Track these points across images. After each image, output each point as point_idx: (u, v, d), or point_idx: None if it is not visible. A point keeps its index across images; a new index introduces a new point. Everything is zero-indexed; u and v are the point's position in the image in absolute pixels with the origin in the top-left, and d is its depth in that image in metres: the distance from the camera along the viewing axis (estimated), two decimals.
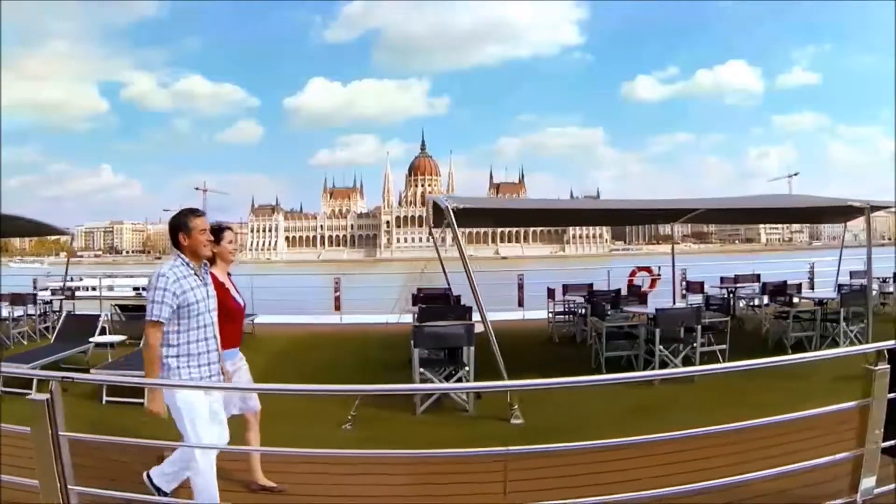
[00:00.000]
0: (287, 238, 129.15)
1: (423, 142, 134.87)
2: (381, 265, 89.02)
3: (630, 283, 11.17)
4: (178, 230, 2.90)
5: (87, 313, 8.30)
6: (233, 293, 3.37)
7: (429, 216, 7.58)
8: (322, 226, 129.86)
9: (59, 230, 10.76)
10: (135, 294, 21.66)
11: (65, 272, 10.92)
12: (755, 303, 9.86)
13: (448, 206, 5.09)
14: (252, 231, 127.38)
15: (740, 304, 10.03)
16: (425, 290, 9.17)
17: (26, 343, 8.46)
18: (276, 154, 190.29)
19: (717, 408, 4.47)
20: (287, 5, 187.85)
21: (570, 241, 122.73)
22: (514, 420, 4.67)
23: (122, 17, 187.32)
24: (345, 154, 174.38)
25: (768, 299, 9.10)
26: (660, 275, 11.40)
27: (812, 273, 11.72)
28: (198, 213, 2.98)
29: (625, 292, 9.53)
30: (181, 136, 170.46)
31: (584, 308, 8.11)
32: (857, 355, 2.87)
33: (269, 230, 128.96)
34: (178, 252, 2.92)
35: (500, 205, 16.00)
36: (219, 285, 3.18)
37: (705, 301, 8.69)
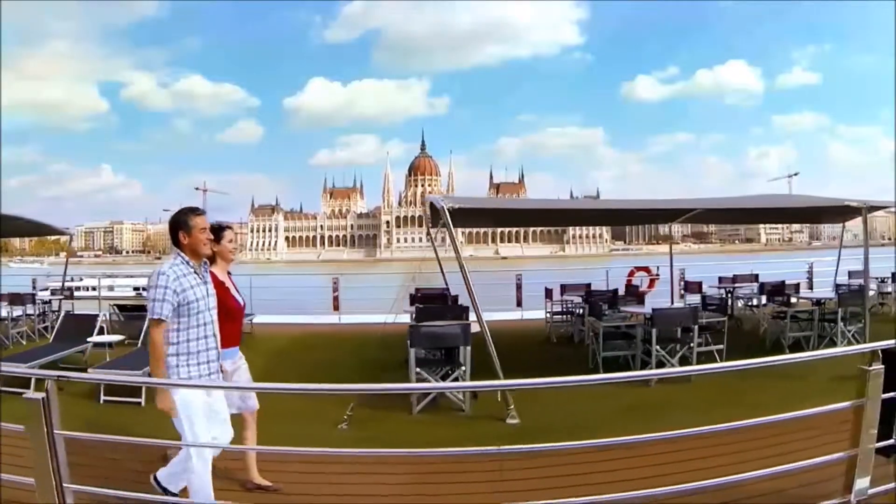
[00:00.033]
0: (287, 238, 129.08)
1: (423, 142, 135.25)
2: (381, 265, 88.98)
3: (628, 283, 11.16)
4: (178, 228, 2.91)
5: (86, 313, 8.33)
6: (232, 292, 3.38)
7: (427, 216, 7.59)
8: (322, 226, 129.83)
9: (58, 230, 10.76)
10: (135, 294, 21.69)
11: (63, 272, 10.93)
12: (753, 303, 9.86)
13: (444, 206, 5.10)
14: (252, 231, 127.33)
15: (738, 304, 10.03)
16: (423, 289, 9.19)
17: (25, 343, 8.50)
18: (276, 154, 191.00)
19: (714, 408, 4.49)
20: (287, 5, 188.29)
21: (570, 242, 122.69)
22: (510, 420, 4.68)
23: (122, 17, 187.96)
24: (345, 154, 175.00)
25: (766, 299, 9.09)
26: (658, 275, 11.39)
27: (810, 273, 11.71)
28: (198, 211, 2.99)
29: (623, 292, 9.52)
30: (181, 136, 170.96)
31: (582, 308, 8.12)
32: (854, 355, 2.86)
33: (269, 230, 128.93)
34: (178, 250, 2.93)
35: (497, 204, 16.00)
36: (218, 284, 3.19)
37: (702, 301, 8.68)
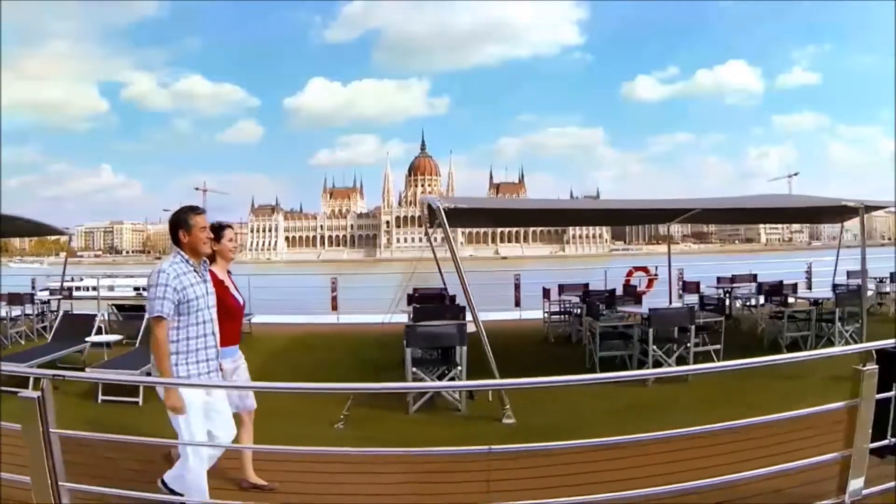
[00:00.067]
0: (287, 238, 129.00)
1: (423, 142, 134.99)
2: (381, 265, 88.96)
3: (626, 283, 11.16)
4: (178, 227, 2.92)
5: (85, 313, 8.34)
6: (232, 291, 3.39)
7: (424, 216, 7.59)
8: (322, 226, 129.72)
9: (58, 230, 10.75)
10: (135, 294, 21.70)
11: (62, 272, 10.94)
12: (751, 303, 9.86)
13: (439, 207, 5.09)
14: (252, 231, 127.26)
15: (736, 304, 10.03)
16: (421, 289, 9.20)
17: (24, 342, 8.52)
18: (276, 154, 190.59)
19: (711, 408, 4.49)
20: (287, 5, 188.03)
21: (569, 242, 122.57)
22: (506, 420, 4.68)
23: (122, 17, 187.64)
24: (345, 154, 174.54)
25: (764, 299, 9.10)
26: (657, 275, 11.39)
27: (809, 273, 11.71)
28: (198, 210, 3.00)
29: (621, 292, 9.53)
30: (181, 136, 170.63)
31: (580, 308, 8.12)
32: (851, 355, 2.87)
33: (269, 230, 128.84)
34: (178, 249, 2.93)
35: (493, 204, 15.95)
36: (218, 283, 3.20)
37: (700, 301, 8.68)
